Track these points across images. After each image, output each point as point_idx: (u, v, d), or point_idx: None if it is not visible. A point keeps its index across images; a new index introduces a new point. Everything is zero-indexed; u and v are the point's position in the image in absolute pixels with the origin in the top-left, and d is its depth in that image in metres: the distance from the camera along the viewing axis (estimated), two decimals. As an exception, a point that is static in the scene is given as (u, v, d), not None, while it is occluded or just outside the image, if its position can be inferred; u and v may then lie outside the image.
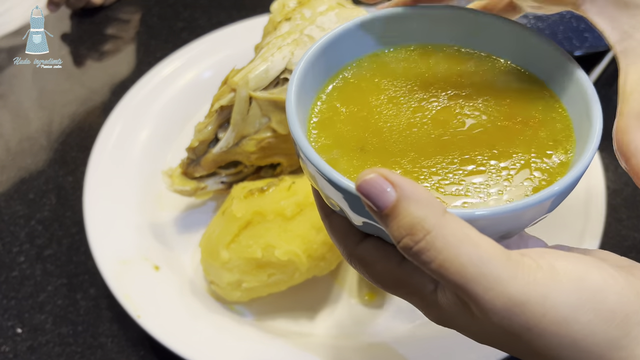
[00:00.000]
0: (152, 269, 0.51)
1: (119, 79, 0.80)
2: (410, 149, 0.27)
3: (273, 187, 0.47)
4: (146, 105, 0.66)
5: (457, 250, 0.21)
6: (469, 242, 0.22)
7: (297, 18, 0.53)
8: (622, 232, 0.56)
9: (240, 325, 0.48)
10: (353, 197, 0.23)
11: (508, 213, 0.23)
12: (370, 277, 0.27)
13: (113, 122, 0.63)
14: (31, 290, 0.55)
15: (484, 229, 0.23)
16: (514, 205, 0.23)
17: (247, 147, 0.52)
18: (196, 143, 0.52)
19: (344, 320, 0.49)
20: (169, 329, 0.46)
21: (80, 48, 0.86)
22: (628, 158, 0.26)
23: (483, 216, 0.23)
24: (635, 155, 0.26)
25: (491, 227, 0.24)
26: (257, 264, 0.45)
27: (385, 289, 0.28)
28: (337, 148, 0.28)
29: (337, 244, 0.28)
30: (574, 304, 0.22)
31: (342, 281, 0.52)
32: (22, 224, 0.61)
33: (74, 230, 0.60)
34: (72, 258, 0.58)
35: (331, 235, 0.29)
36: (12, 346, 0.51)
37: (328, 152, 0.28)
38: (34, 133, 0.72)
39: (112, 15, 0.91)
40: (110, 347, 0.50)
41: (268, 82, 0.50)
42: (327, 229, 0.29)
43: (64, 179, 0.66)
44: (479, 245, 0.22)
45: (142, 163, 0.61)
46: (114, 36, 0.89)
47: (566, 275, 0.23)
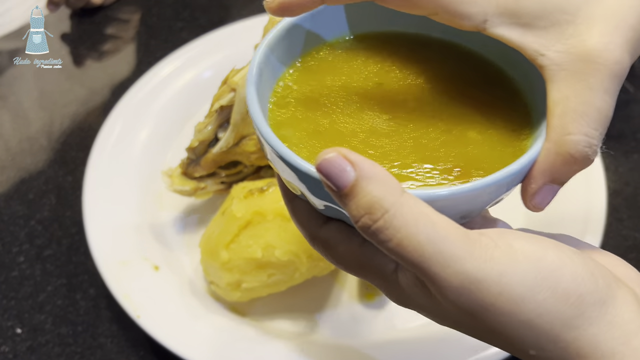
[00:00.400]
0: (151, 269, 0.51)
1: (118, 79, 0.80)
2: (363, 131, 0.28)
3: (273, 187, 0.47)
4: (146, 105, 0.66)
5: (414, 229, 0.21)
6: (427, 221, 0.22)
7: (297, 18, 0.53)
8: (622, 232, 0.56)
9: (240, 325, 0.48)
10: (312, 180, 0.24)
11: (466, 193, 0.23)
12: (333, 259, 0.28)
13: (113, 122, 0.63)
14: (31, 290, 0.55)
15: (443, 209, 0.23)
16: (471, 185, 0.23)
17: (247, 147, 0.52)
18: (196, 143, 0.52)
19: (343, 320, 0.49)
20: (169, 329, 0.46)
21: (80, 48, 0.86)
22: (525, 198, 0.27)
23: (441, 196, 0.23)
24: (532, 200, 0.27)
25: (450, 208, 0.24)
26: (257, 264, 0.45)
27: (348, 271, 0.28)
28: (293, 130, 0.28)
29: (300, 228, 0.28)
30: (530, 283, 0.22)
31: (342, 281, 0.52)
32: (22, 224, 0.61)
33: (74, 230, 0.60)
34: (71, 258, 0.58)
35: (294, 219, 0.29)
36: (11, 346, 0.51)
37: (285, 135, 0.28)
38: (34, 133, 0.72)
39: (112, 15, 0.91)
40: (110, 347, 0.50)
41: (268, 82, 0.50)
42: (290, 213, 0.29)
43: (64, 179, 0.66)
44: (436, 224, 0.22)
45: (142, 163, 0.61)
46: (113, 36, 0.89)
47: (523, 254, 0.23)
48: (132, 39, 0.88)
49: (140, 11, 0.93)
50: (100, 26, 0.89)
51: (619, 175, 0.62)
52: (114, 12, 0.92)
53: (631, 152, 0.65)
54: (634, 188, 0.61)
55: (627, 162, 0.64)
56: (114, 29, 0.90)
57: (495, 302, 0.22)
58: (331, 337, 0.48)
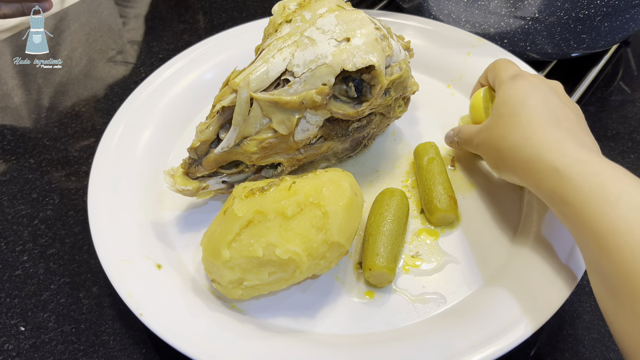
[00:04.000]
0: (154, 267, 0.51)
1: (121, 80, 0.80)
2: None
3: (274, 187, 0.47)
4: (149, 106, 0.66)
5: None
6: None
7: (298, 20, 0.54)
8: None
9: (242, 322, 0.48)
10: None
11: None
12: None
13: (116, 123, 0.63)
14: (34, 288, 0.56)
15: None
16: None
17: (248, 148, 0.52)
18: (198, 143, 0.53)
19: (344, 318, 0.49)
20: (171, 327, 0.46)
21: (83, 49, 0.87)
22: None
23: None
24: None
25: None
26: (258, 262, 0.46)
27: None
28: None
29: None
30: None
31: (342, 280, 0.52)
32: (25, 223, 0.62)
33: (77, 229, 0.61)
34: (74, 257, 0.58)
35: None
36: (15, 344, 0.51)
37: None
38: (37, 133, 0.73)
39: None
40: (113, 345, 0.51)
41: (269, 83, 0.50)
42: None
43: (67, 179, 0.66)
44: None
45: (145, 163, 0.61)
46: (116, 37, 0.89)
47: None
48: (134, 40, 0.88)
49: (142, 13, 0.94)
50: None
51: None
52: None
53: (627, 152, 0.66)
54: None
55: (623, 162, 0.65)
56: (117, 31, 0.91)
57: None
58: (331, 335, 0.48)
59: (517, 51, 0.72)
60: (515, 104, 0.48)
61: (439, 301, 0.50)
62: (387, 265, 0.50)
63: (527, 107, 0.47)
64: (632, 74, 0.78)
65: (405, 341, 0.46)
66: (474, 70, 0.69)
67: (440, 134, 0.66)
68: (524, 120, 0.47)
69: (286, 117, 0.51)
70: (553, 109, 0.47)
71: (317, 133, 0.54)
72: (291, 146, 0.54)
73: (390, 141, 0.66)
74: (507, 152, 0.47)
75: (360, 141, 0.60)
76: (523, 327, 0.44)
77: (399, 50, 0.54)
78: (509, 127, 0.48)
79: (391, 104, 0.57)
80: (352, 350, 0.46)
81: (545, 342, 0.50)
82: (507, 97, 0.50)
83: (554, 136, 0.44)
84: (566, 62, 0.77)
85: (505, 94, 0.50)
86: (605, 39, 0.70)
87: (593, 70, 0.74)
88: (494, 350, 0.43)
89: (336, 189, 0.47)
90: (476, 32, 0.73)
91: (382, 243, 0.51)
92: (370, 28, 0.51)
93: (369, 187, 0.61)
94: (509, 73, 0.53)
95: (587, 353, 0.49)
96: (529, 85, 0.50)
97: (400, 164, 0.63)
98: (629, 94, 0.74)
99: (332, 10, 0.53)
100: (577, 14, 0.65)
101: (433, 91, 0.71)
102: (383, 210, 0.54)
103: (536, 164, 0.44)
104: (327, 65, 0.49)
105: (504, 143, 0.48)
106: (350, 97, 0.52)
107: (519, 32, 0.70)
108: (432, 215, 0.56)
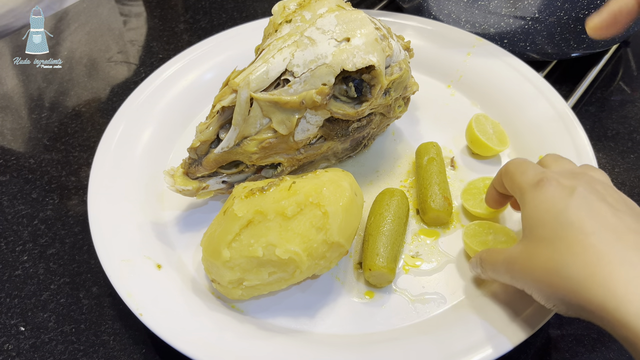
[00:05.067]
0: (154, 267, 0.51)
1: (121, 80, 0.80)
2: None
3: (274, 187, 0.47)
4: (149, 106, 0.66)
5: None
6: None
7: (298, 20, 0.54)
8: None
9: (241, 322, 0.48)
10: None
11: None
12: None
13: (116, 123, 0.63)
14: (34, 288, 0.56)
15: None
16: None
17: (248, 148, 0.52)
18: (198, 143, 0.53)
19: (344, 318, 0.49)
20: (171, 327, 0.46)
21: (83, 49, 0.87)
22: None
23: None
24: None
25: None
26: (258, 262, 0.46)
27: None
28: None
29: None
30: None
31: (342, 280, 0.52)
32: (25, 223, 0.62)
33: (77, 229, 0.61)
34: (74, 257, 0.58)
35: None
36: (15, 344, 0.51)
37: None
38: (37, 133, 0.73)
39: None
40: (113, 344, 0.51)
41: (269, 83, 0.50)
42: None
43: (67, 179, 0.66)
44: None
45: (145, 163, 0.61)
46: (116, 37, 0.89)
47: None
48: (134, 40, 0.88)
49: (142, 13, 0.94)
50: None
51: (615, 175, 0.63)
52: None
53: (627, 152, 0.66)
54: (630, 188, 0.62)
55: (623, 162, 0.65)
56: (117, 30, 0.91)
57: None
58: (331, 335, 0.48)
59: (517, 51, 0.72)
60: (554, 223, 0.39)
61: (439, 301, 0.50)
62: (387, 265, 0.50)
63: (572, 225, 0.38)
64: (632, 74, 0.78)
65: (405, 341, 0.46)
66: (473, 70, 0.70)
67: (440, 134, 0.66)
68: (576, 248, 0.37)
69: (286, 117, 0.51)
70: (604, 216, 0.38)
71: (317, 133, 0.54)
72: (291, 146, 0.54)
73: (390, 141, 0.66)
74: (570, 294, 0.37)
75: (360, 141, 0.60)
76: (523, 327, 0.44)
77: (399, 50, 0.54)
78: (556, 256, 0.38)
79: (391, 104, 0.57)
80: (352, 350, 0.46)
81: (545, 342, 0.50)
82: (538, 212, 0.40)
83: (623, 267, 0.35)
84: (566, 62, 0.77)
85: (535, 209, 0.40)
86: (605, 39, 0.70)
87: (593, 70, 0.74)
88: (494, 350, 0.43)
89: (336, 189, 0.47)
90: (476, 32, 0.73)
91: (382, 243, 0.51)
92: (370, 28, 0.51)
93: (369, 187, 0.61)
94: (529, 178, 0.43)
95: (587, 353, 0.49)
96: (560, 192, 0.40)
97: (401, 164, 0.63)
98: (629, 94, 0.74)
99: (332, 10, 0.53)
100: (577, 14, 0.65)
101: (433, 91, 0.71)
102: (383, 210, 0.54)
103: (610, 314, 0.34)
104: (327, 65, 0.49)
105: (556, 280, 0.37)
106: (350, 97, 0.52)
107: (519, 32, 0.70)
108: (425, 215, 0.55)
